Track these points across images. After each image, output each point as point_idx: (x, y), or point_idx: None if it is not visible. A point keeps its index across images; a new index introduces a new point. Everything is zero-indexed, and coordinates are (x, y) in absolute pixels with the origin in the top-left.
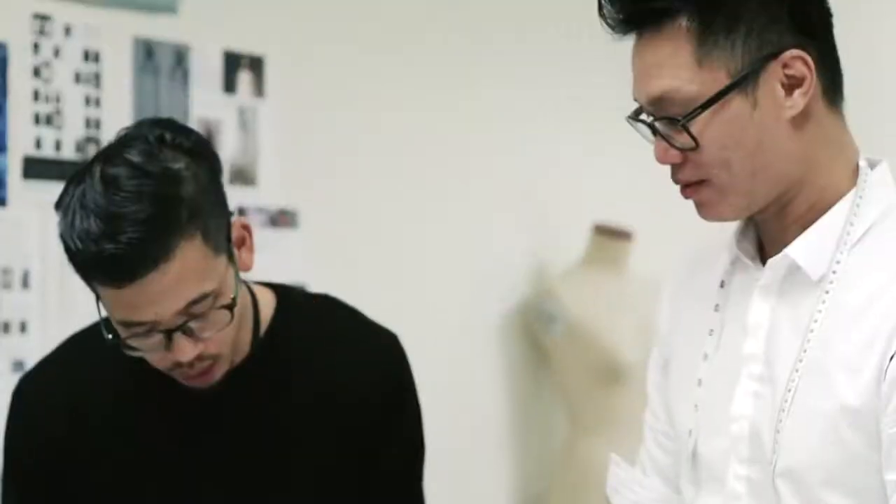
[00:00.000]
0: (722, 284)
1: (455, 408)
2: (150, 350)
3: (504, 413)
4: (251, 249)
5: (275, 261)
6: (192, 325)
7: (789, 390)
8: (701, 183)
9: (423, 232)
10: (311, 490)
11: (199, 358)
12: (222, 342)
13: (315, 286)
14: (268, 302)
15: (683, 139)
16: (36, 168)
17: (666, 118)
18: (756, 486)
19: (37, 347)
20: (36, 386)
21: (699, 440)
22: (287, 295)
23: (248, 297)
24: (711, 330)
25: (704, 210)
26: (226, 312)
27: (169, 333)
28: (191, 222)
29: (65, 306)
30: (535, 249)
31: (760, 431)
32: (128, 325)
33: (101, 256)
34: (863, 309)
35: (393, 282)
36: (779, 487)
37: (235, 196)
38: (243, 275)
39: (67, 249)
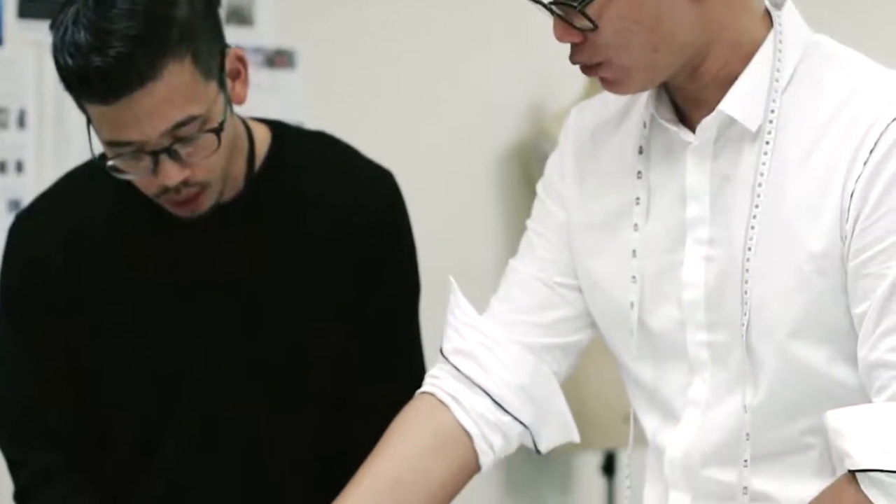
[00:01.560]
0: (640, 150)
1: (451, 249)
2: (137, 173)
3: (500, 255)
4: (245, 82)
5: (272, 102)
6: (179, 148)
7: (749, 248)
8: (600, 64)
9: (421, 73)
10: (306, 322)
11: (186, 183)
12: (210, 169)
13: (312, 127)
14: (263, 136)
15: (582, 21)
16: (31, 7)
17: (562, 2)
18: (720, 351)
19: (33, 187)
20: (32, 222)
21: (644, 312)
22: (283, 130)
23: (242, 130)
24: (637, 198)
25: (610, 87)
26: (213, 137)
27: (156, 156)
28: (181, 44)
29: (60, 146)
30: (532, 89)
31: (722, 294)
32: (115, 144)
33: (89, 69)
34: (809, 151)
35: (390, 123)
36: (753, 346)
37: (231, 36)
38: (239, 111)
39: (57, 64)
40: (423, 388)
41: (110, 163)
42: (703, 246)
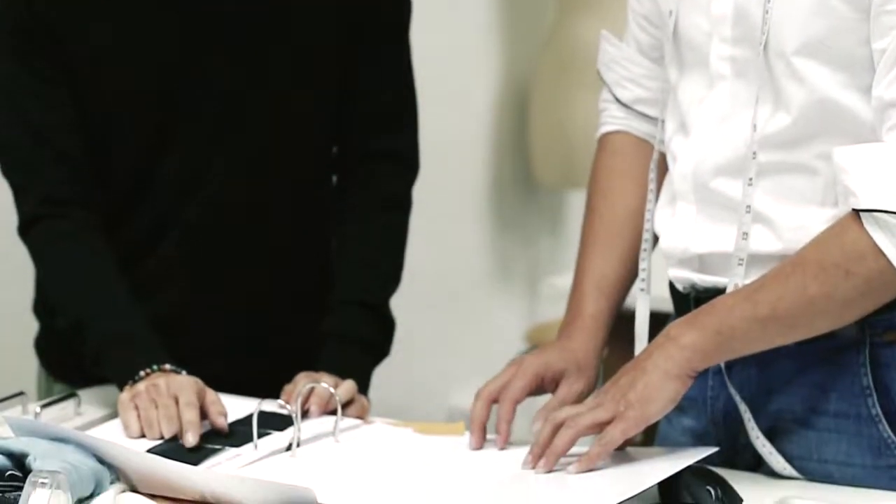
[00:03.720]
0: None
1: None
2: None
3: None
4: None
5: None
6: None
7: None
8: None
9: None
10: (310, 41)
11: None
12: None
13: None
14: None
15: None
16: None
17: None
18: (740, 66)
19: None
20: None
21: (679, 20)
22: None
23: None
24: None
25: None
26: None
27: None
28: None
29: None
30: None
31: (748, 11)
32: None
33: None
34: None
35: None
36: (771, 65)
37: None
38: None
39: None
40: (610, 129)
41: None
42: None
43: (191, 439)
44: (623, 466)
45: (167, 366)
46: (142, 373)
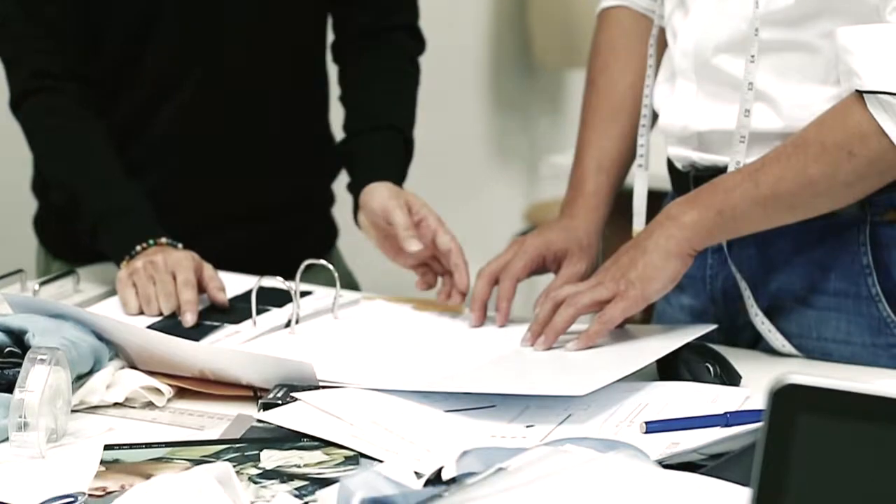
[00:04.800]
0: None
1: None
2: None
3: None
4: None
5: None
6: None
7: None
8: None
9: None
10: None
11: None
12: None
13: None
14: None
15: None
16: None
17: None
18: None
19: None
20: None
21: None
22: None
23: None
24: None
25: None
26: None
27: None
28: None
29: None
30: None
31: None
32: None
33: None
34: None
35: None
36: None
37: None
38: None
39: None
40: (610, 3)
41: None
42: None
43: (189, 319)
44: (622, 344)
45: (163, 240)
46: (138, 247)
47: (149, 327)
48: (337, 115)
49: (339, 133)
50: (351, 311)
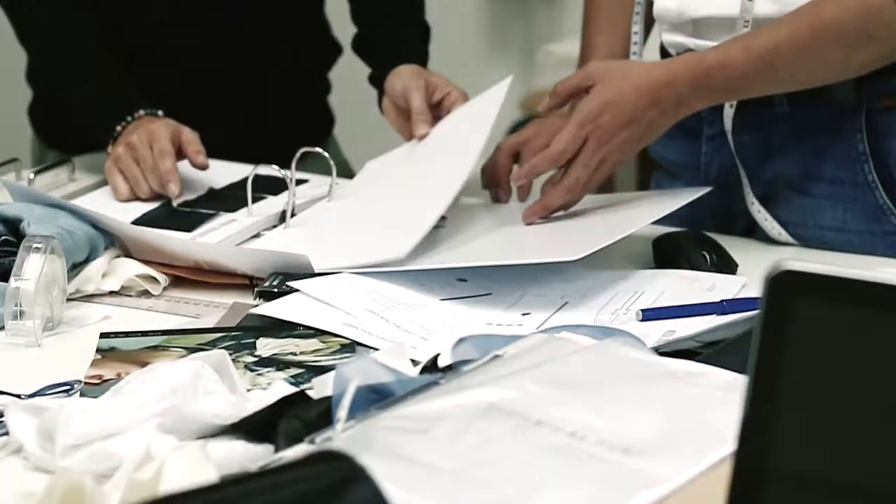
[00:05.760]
0: None
1: None
2: None
3: None
4: None
5: None
6: None
7: None
8: None
9: None
10: None
11: None
12: None
13: None
14: None
15: None
16: None
17: None
18: None
19: None
20: None
21: None
22: None
23: None
24: None
25: None
26: None
27: None
28: None
29: None
30: None
31: None
32: None
33: None
34: None
35: None
36: None
37: None
38: None
39: None
40: None
41: None
42: None
43: (174, 189)
44: (616, 211)
45: (141, 112)
46: (118, 128)
47: (143, 216)
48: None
49: (336, 24)
50: (346, 191)
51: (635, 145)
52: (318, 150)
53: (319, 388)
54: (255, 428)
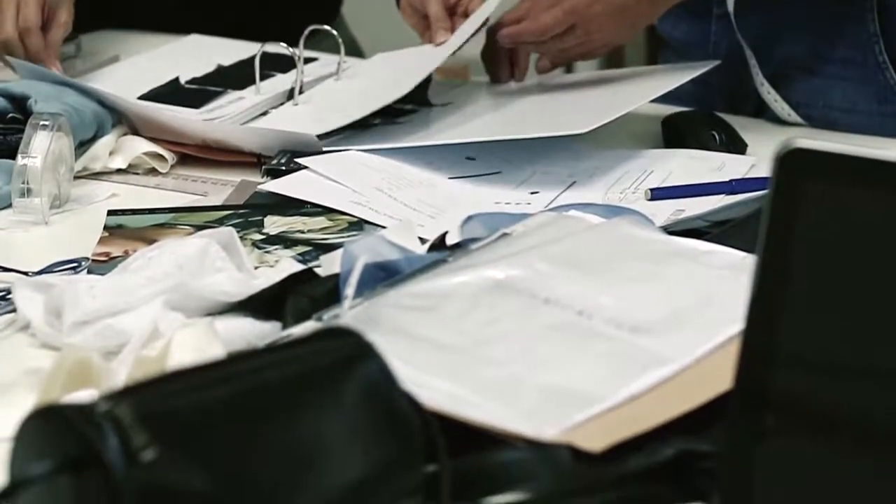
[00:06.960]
0: None
1: None
2: None
3: None
4: None
5: None
6: None
7: None
8: None
9: None
10: None
11: None
12: None
13: None
14: None
15: None
16: None
17: None
18: None
19: None
20: None
21: None
22: None
23: None
24: None
25: None
26: None
27: None
28: None
29: None
30: None
31: None
32: None
33: None
34: None
35: None
36: None
37: None
38: None
39: None
40: None
41: None
42: None
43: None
44: (624, 85)
45: None
46: None
47: (150, 92)
48: None
49: None
50: (354, 70)
51: (625, 34)
52: (327, 28)
53: (327, 265)
54: (262, 305)
